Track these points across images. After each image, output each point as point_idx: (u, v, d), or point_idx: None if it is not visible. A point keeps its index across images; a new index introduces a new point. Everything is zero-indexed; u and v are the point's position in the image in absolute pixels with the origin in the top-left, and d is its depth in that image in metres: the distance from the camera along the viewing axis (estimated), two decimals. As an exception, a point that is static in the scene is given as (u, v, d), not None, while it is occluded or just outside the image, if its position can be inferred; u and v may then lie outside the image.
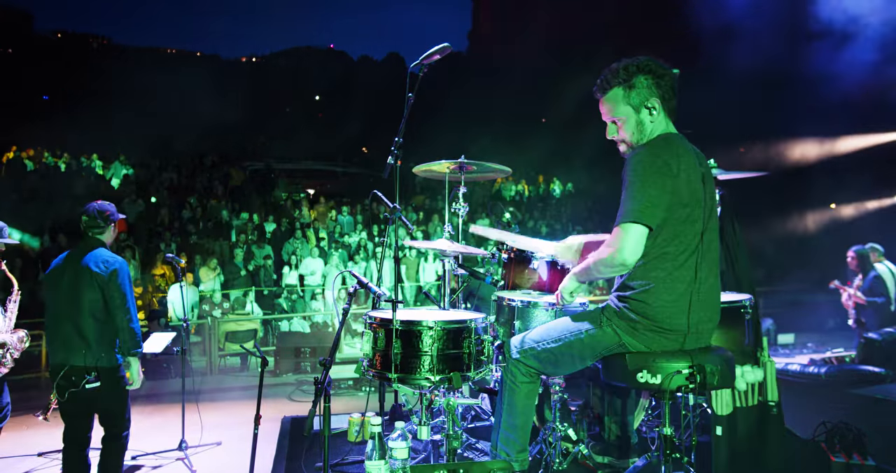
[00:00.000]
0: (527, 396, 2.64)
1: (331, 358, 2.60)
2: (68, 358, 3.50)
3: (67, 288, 3.56)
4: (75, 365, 3.49)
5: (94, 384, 3.51)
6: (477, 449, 3.37)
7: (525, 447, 2.66)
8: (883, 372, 6.55)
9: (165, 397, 6.98)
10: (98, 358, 3.52)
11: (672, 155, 2.31)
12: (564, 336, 2.52)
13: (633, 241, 2.24)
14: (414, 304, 11.26)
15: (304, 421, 2.40)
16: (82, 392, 3.49)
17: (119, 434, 3.68)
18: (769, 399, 3.27)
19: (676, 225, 2.30)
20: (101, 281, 3.55)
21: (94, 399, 3.55)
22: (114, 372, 3.61)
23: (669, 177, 2.26)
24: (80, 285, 3.54)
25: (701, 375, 2.28)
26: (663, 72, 2.41)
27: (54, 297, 3.60)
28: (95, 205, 3.77)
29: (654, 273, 2.33)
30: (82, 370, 3.50)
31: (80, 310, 3.54)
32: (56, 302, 3.59)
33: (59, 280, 3.60)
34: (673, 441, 2.39)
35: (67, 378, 3.47)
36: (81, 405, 3.55)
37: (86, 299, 3.54)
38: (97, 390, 3.52)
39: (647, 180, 2.25)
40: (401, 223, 3.77)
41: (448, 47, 3.35)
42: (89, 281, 3.54)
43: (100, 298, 3.56)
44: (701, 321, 2.37)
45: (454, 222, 3.97)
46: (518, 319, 3.12)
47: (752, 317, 3.22)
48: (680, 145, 2.38)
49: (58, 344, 3.55)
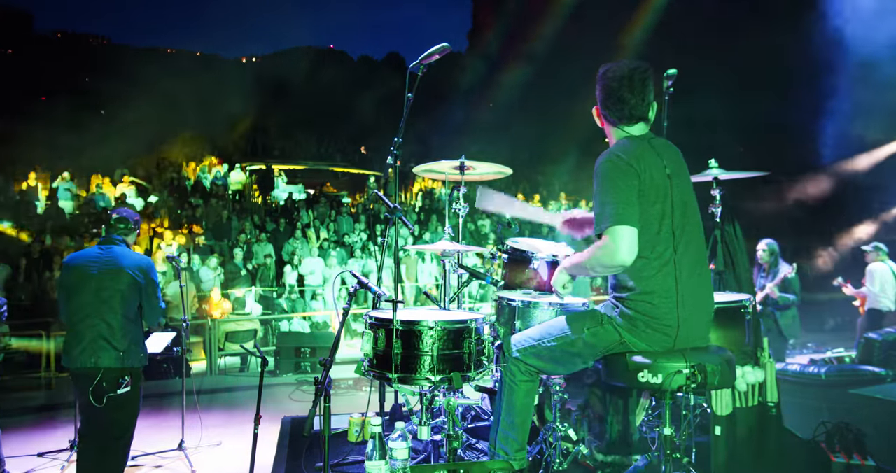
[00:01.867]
0: (526, 395, 2.65)
1: (331, 358, 2.60)
2: (100, 361, 3.43)
3: (99, 288, 3.50)
4: (109, 367, 3.43)
5: (126, 389, 3.47)
6: (477, 449, 3.37)
7: (524, 446, 2.66)
8: (883, 372, 6.55)
9: (165, 397, 6.99)
10: (131, 359, 3.50)
11: (632, 157, 2.38)
12: (565, 334, 2.53)
13: (628, 241, 2.30)
14: (414, 304, 11.26)
15: (304, 421, 2.39)
16: (116, 397, 3.43)
17: (123, 444, 3.63)
18: (769, 399, 3.27)
19: (650, 221, 2.36)
20: (139, 281, 3.55)
21: (121, 404, 3.48)
22: (140, 374, 3.60)
23: (635, 178, 2.34)
24: (115, 285, 3.50)
25: (702, 375, 2.29)
26: (621, 76, 2.46)
27: (82, 297, 3.51)
28: (125, 210, 3.86)
29: (644, 270, 2.37)
30: (117, 372, 3.45)
31: (113, 310, 3.48)
32: (84, 303, 3.50)
33: (89, 279, 3.51)
34: (673, 441, 2.39)
35: (101, 382, 3.41)
36: (108, 409, 3.47)
37: (120, 299, 3.50)
38: (127, 394, 3.48)
39: (615, 184, 2.34)
40: (401, 223, 3.77)
41: (447, 47, 3.36)
42: (127, 281, 3.51)
43: (135, 298, 3.55)
44: (691, 316, 2.39)
45: (454, 222, 3.97)
46: (518, 319, 3.12)
47: (751, 317, 3.22)
48: (640, 146, 2.43)
49: (85, 346, 3.46)
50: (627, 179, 2.34)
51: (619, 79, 2.46)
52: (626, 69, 2.46)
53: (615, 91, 2.47)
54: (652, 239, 2.37)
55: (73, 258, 3.63)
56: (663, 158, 2.45)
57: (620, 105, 2.48)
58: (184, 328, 5.17)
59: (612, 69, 2.50)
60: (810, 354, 8.55)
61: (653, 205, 2.36)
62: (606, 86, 2.50)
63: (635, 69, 2.46)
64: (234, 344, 9.46)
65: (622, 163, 2.36)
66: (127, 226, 3.72)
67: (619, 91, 2.46)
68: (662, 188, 2.39)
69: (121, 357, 3.47)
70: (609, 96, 2.50)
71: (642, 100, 2.47)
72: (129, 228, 3.74)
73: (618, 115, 2.50)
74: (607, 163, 2.39)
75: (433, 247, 3.70)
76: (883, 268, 7.90)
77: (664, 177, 2.41)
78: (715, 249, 3.65)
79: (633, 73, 2.46)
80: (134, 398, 3.58)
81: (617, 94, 2.47)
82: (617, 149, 2.44)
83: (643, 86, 2.46)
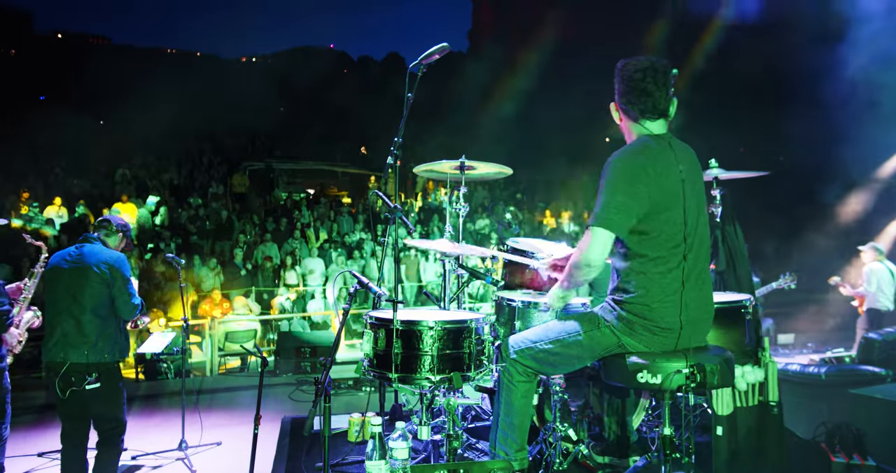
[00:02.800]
0: (524, 395, 2.65)
1: (331, 358, 2.60)
2: (68, 356, 3.50)
3: (69, 285, 3.57)
4: (76, 361, 3.50)
5: (94, 385, 3.52)
6: (477, 449, 3.37)
7: (523, 446, 2.66)
8: (883, 372, 6.54)
9: (165, 397, 6.98)
10: (99, 354, 3.54)
11: (650, 158, 2.34)
12: (562, 337, 2.53)
13: (600, 244, 2.32)
14: (414, 304, 11.26)
15: (304, 421, 2.40)
16: (82, 392, 3.49)
17: (115, 437, 3.66)
18: (769, 399, 3.27)
19: (659, 226, 2.34)
20: (105, 277, 3.58)
21: (93, 399, 3.55)
22: (113, 369, 3.62)
23: (642, 184, 2.30)
24: (82, 281, 3.55)
25: (701, 374, 2.29)
26: (645, 68, 2.41)
27: (55, 294, 3.61)
28: (114, 216, 3.93)
29: (646, 274, 2.36)
30: (83, 367, 3.50)
31: (82, 307, 3.54)
32: (56, 299, 3.60)
33: (61, 276, 3.60)
34: (673, 441, 2.39)
35: (67, 376, 3.48)
36: (80, 405, 3.54)
37: (88, 295, 3.55)
38: (97, 390, 3.53)
39: (618, 187, 2.32)
40: (401, 223, 3.77)
41: (447, 47, 3.36)
42: (93, 278, 3.56)
43: (103, 294, 3.58)
44: (694, 319, 2.39)
45: (454, 222, 3.97)
46: (518, 319, 3.12)
47: (752, 317, 3.22)
48: (657, 148, 2.39)
49: (56, 340, 3.55)
50: (634, 185, 2.30)
51: (644, 71, 2.40)
52: (648, 62, 2.41)
53: (639, 82, 2.40)
54: (658, 243, 2.34)
55: (53, 256, 3.74)
56: (680, 162, 2.41)
57: (645, 98, 2.40)
58: (184, 328, 5.16)
59: (632, 62, 2.43)
60: (810, 354, 8.54)
61: (663, 211, 2.33)
62: (629, 78, 2.43)
63: (657, 62, 2.42)
64: (234, 344, 9.46)
65: (636, 165, 2.32)
66: (109, 229, 3.81)
67: (643, 82, 2.39)
68: (675, 194, 2.35)
69: (87, 353, 3.52)
70: (632, 89, 2.42)
71: (666, 93, 2.41)
72: (112, 230, 3.81)
73: (641, 109, 2.43)
74: (619, 163, 2.35)
75: (432, 244, 3.69)
76: (881, 268, 7.90)
77: (678, 181, 2.37)
78: (716, 249, 3.65)
79: (655, 65, 2.41)
80: (111, 391, 3.61)
81: (641, 86, 2.40)
82: (635, 149, 2.39)
83: (665, 78, 2.41)
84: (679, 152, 2.44)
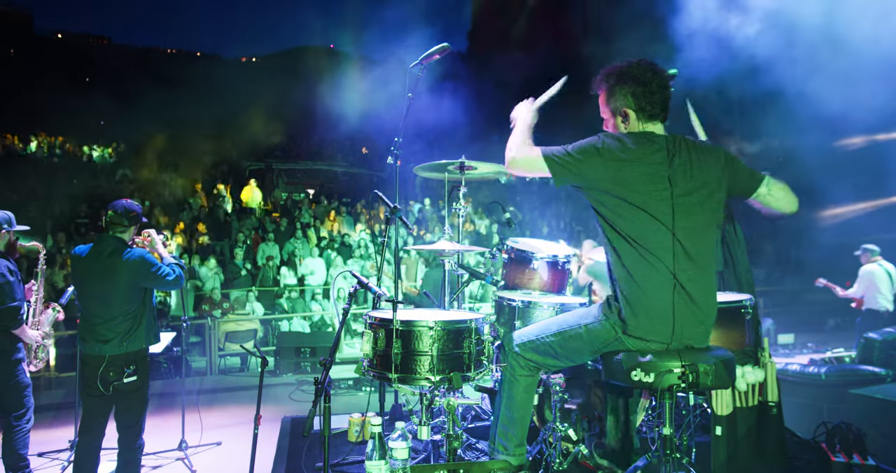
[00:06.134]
0: (525, 389, 2.66)
1: (331, 358, 2.60)
2: (104, 350, 3.49)
3: (97, 286, 3.52)
4: (113, 354, 3.49)
5: (132, 377, 3.52)
6: (477, 449, 3.37)
7: (523, 441, 2.68)
8: (883, 372, 6.54)
9: (165, 397, 6.98)
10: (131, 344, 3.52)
11: (630, 143, 2.36)
12: (563, 329, 2.55)
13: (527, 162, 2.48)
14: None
15: (304, 421, 2.40)
16: (122, 386, 3.50)
17: (134, 442, 3.63)
18: (769, 399, 3.27)
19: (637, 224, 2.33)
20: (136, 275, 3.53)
21: (125, 394, 3.54)
22: (143, 358, 3.62)
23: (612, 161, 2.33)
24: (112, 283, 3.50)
25: (693, 374, 2.27)
26: (646, 79, 2.41)
27: (85, 291, 3.56)
28: (123, 202, 3.69)
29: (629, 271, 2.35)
30: (121, 359, 3.49)
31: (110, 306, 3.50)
32: (86, 296, 3.55)
33: (89, 276, 3.54)
34: (673, 441, 2.39)
35: (107, 371, 3.48)
36: (111, 398, 3.54)
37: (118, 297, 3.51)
38: (133, 384, 3.53)
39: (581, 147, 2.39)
40: (401, 223, 3.77)
41: (447, 47, 3.36)
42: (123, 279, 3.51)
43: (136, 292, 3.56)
44: (687, 326, 2.35)
45: (454, 222, 3.97)
46: (519, 319, 3.12)
47: (752, 317, 3.22)
48: (646, 142, 2.37)
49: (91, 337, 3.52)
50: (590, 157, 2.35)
51: (657, 81, 2.42)
52: (647, 63, 2.43)
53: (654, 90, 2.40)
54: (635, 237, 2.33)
55: (79, 251, 3.64)
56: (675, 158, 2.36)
57: (650, 96, 2.41)
58: (184, 328, 5.16)
59: (633, 64, 2.44)
60: (810, 354, 8.54)
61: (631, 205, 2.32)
62: (633, 78, 2.42)
63: (654, 64, 2.44)
64: (234, 344, 9.46)
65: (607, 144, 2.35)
66: (122, 224, 3.63)
67: (657, 90, 2.41)
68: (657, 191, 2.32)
69: (123, 344, 3.50)
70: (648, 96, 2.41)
71: (666, 94, 2.44)
72: (125, 225, 3.64)
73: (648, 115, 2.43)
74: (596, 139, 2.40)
75: (432, 247, 3.69)
76: (877, 269, 7.91)
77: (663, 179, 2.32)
78: (715, 249, 3.65)
79: (654, 66, 2.43)
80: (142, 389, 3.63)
81: (655, 94, 2.41)
82: (618, 136, 2.40)
83: (663, 80, 2.43)
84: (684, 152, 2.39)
